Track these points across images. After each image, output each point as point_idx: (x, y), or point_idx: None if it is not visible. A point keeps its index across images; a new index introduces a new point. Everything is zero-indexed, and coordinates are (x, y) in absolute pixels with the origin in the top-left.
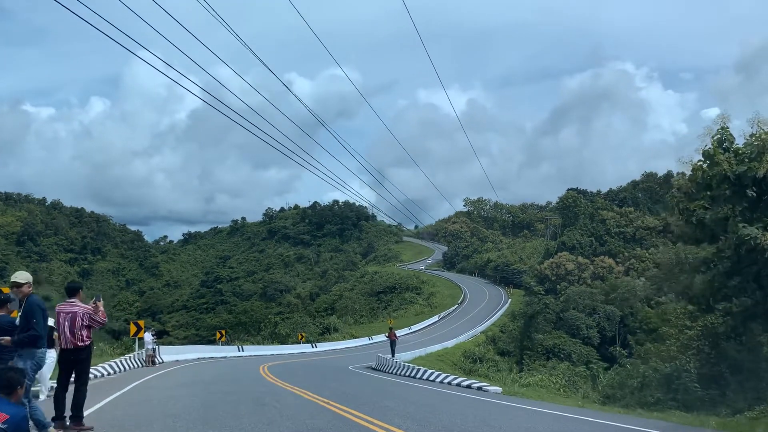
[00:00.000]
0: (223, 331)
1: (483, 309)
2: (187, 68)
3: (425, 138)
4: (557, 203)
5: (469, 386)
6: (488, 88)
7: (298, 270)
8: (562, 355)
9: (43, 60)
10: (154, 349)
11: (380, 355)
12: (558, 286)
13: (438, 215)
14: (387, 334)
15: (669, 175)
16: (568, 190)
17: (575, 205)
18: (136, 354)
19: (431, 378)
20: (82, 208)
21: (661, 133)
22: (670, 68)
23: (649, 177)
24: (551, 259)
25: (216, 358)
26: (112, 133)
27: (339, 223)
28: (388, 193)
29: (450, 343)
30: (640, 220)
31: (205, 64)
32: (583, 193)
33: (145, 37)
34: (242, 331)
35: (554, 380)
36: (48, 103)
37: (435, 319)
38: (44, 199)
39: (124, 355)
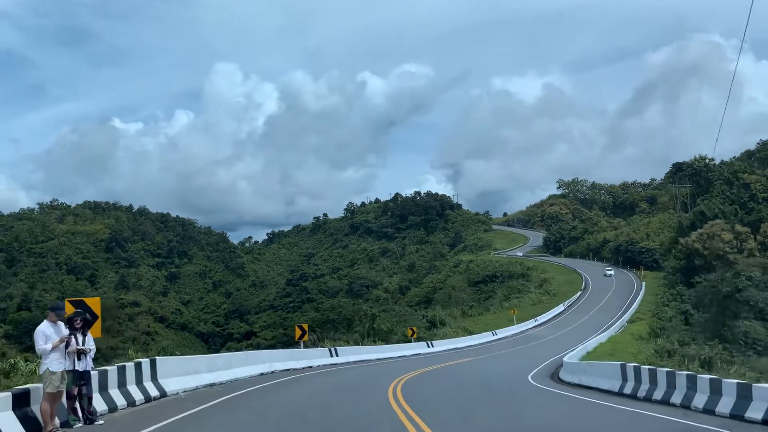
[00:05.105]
0: (305, 326)
1: (614, 295)
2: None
3: (501, 126)
4: (679, 171)
5: None
6: (565, 71)
7: (384, 264)
8: (759, 347)
9: (128, 78)
10: (85, 377)
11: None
12: (714, 261)
13: (523, 203)
14: None
15: None
16: (674, 164)
17: (707, 170)
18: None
19: None
20: (167, 213)
21: (757, 106)
22: (763, 36)
23: (765, 145)
24: (700, 230)
25: (293, 370)
26: (196, 143)
27: (423, 215)
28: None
29: (603, 337)
30: None
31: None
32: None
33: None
34: (331, 329)
35: None
36: (136, 119)
37: (561, 308)
38: (131, 206)
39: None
